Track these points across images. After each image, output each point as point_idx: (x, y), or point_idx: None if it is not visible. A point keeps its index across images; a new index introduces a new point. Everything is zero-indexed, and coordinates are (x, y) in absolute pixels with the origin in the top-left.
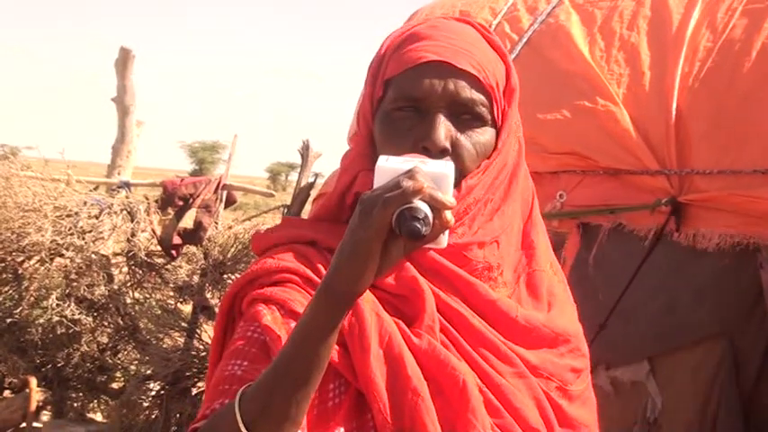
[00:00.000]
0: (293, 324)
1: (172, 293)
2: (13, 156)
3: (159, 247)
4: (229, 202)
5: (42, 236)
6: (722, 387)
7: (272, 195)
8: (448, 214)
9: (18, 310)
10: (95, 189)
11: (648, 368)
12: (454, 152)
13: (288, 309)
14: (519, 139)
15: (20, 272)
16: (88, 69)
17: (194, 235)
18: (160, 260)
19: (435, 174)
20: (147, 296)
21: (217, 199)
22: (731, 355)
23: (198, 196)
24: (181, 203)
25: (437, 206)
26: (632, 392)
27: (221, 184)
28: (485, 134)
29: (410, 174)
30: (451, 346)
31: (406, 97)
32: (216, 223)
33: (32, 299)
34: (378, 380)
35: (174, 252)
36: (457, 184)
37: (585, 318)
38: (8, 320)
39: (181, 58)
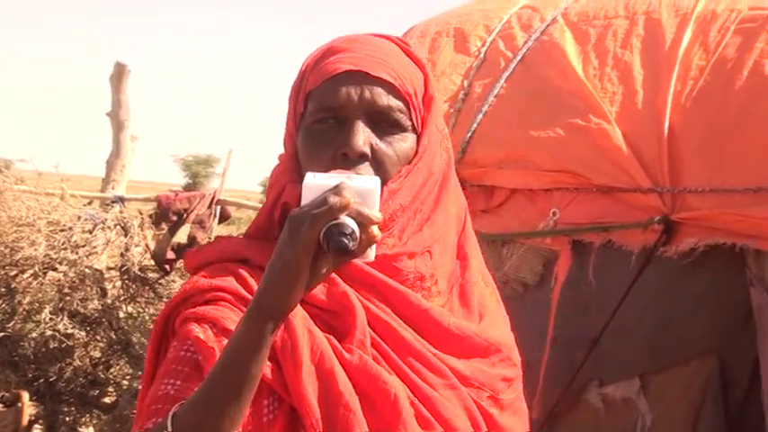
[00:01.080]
0: (225, 342)
1: None
2: (7, 169)
3: (153, 262)
4: (223, 217)
5: (36, 250)
6: (711, 405)
7: None
8: (374, 229)
9: (11, 324)
10: (89, 203)
11: (639, 385)
12: (374, 159)
13: (220, 327)
14: (447, 149)
15: (13, 285)
16: (84, 80)
17: (188, 250)
18: (153, 275)
19: (362, 189)
20: (141, 311)
21: (211, 214)
22: (721, 373)
23: (192, 211)
24: (175, 218)
25: (364, 221)
26: (623, 409)
27: (215, 199)
28: (405, 140)
29: (337, 190)
30: (382, 359)
31: (325, 108)
32: (210, 238)
33: (25, 313)
34: (310, 396)
35: (167, 267)
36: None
37: (578, 335)
38: (1, 334)
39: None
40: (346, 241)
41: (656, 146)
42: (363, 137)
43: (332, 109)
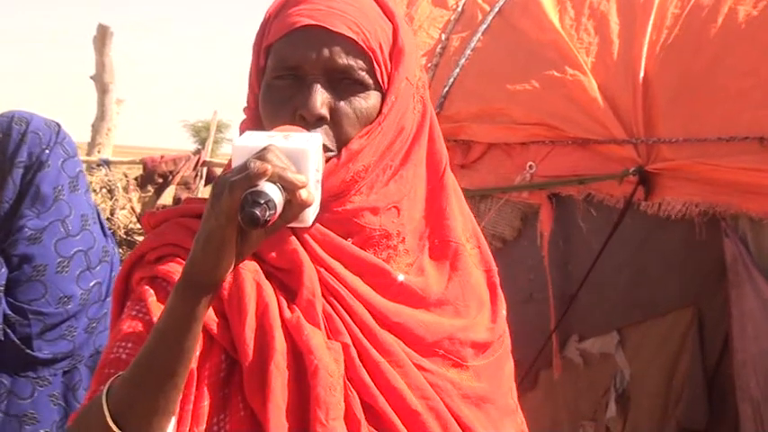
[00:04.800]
0: None
1: None
2: None
3: (139, 225)
4: (210, 179)
5: None
6: (688, 357)
7: None
8: (303, 193)
9: None
10: None
11: (618, 339)
12: (333, 120)
13: (173, 283)
14: (424, 100)
15: None
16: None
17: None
18: (140, 238)
19: (292, 150)
20: None
21: (197, 176)
22: (698, 326)
23: (177, 173)
24: (160, 180)
25: (288, 186)
26: (601, 364)
27: (201, 161)
28: (368, 99)
29: (260, 154)
30: (337, 320)
31: (283, 66)
32: None
33: None
34: (249, 350)
35: None
36: (339, 153)
37: (555, 291)
38: None
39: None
40: (258, 212)
41: (631, 96)
42: (321, 99)
43: (290, 67)
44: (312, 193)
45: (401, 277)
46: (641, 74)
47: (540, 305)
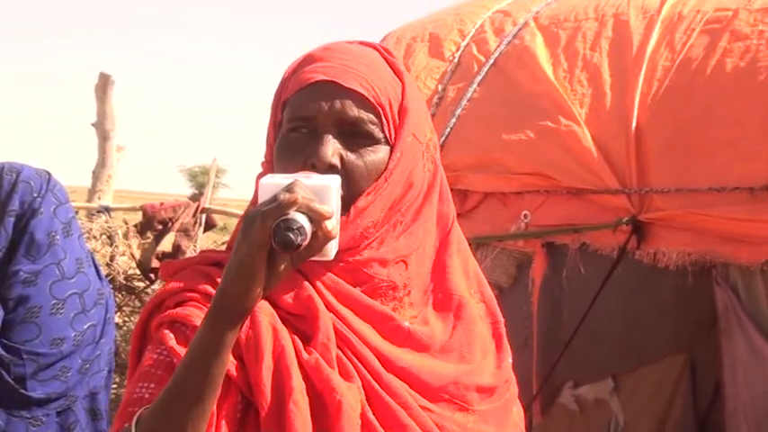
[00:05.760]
0: None
1: None
2: None
3: (138, 271)
4: (209, 225)
5: None
6: (680, 404)
7: None
8: (329, 224)
9: None
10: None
11: (612, 385)
12: (345, 170)
13: (191, 326)
14: (434, 159)
15: None
16: (71, 93)
17: (173, 258)
18: (139, 284)
19: (316, 186)
20: (126, 319)
21: (196, 222)
22: (690, 373)
23: (177, 220)
24: (160, 227)
25: (315, 216)
26: (596, 410)
27: (200, 208)
28: (377, 152)
29: (288, 187)
30: (349, 364)
31: (297, 118)
32: (195, 246)
33: None
34: (266, 390)
35: (152, 275)
36: (348, 207)
37: (551, 337)
38: None
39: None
40: (292, 236)
41: (624, 147)
42: (332, 148)
43: (304, 119)
44: (336, 226)
45: (407, 324)
46: (633, 125)
47: (536, 351)
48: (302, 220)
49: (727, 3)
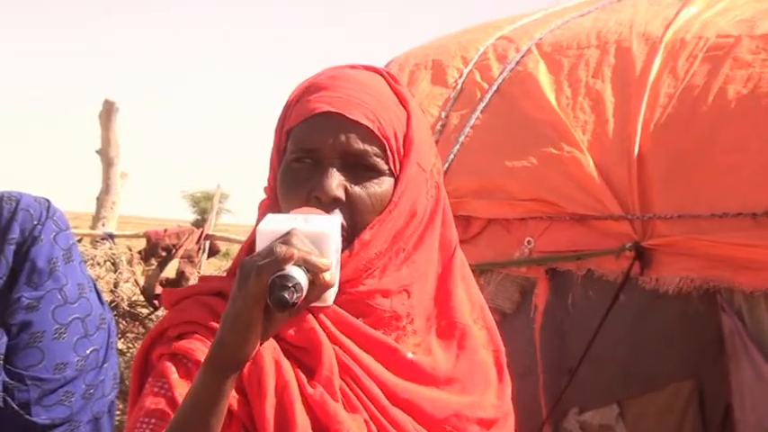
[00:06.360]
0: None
1: None
2: None
3: (142, 298)
4: (212, 251)
5: None
6: (689, 430)
7: None
8: (326, 276)
9: None
10: (79, 241)
11: (618, 411)
12: (349, 203)
13: (193, 360)
14: (437, 186)
15: None
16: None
17: (177, 285)
18: (144, 310)
19: (314, 234)
20: (130, 346)
21: (199, 249)
22: (698, 399)
23: (180, 246)
24: (164, 254)
25: (312, 269)
26: None
27: (204, 235)
28: (381, 185)
29: (285, 238)
30: (353, 397)
31: (302, 149)
32: (198, 273)
33: None
34: (269, 426)
35: (156, 302)
36: (352, 239)
37: (556, 363)
38: None
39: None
40: (287, 296)
41: (627, 173)
42: (336, 181)
43: (308, 150)
44: (334, 274)
45: (410, 355)
46: (636, 151)
47: (538, 378)
48: (298, 274)
49: (729, 30)
